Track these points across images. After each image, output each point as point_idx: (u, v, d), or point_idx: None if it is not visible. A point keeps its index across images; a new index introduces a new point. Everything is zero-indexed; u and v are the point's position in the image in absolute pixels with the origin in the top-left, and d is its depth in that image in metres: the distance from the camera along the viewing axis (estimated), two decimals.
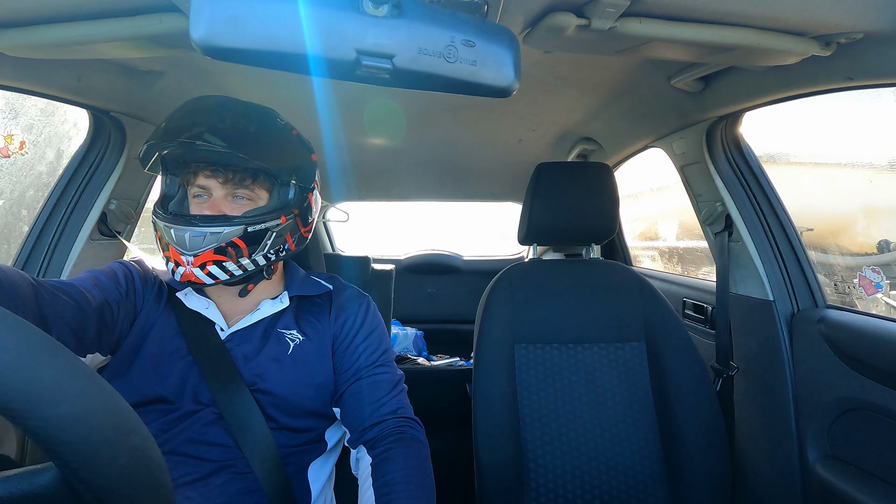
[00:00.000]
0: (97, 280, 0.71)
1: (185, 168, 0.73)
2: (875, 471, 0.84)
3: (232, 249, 0.68)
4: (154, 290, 0.77)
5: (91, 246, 1.10)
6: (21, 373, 0.29)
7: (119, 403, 0.33)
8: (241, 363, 0.72)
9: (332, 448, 0.81)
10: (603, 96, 1.21)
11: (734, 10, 0.62)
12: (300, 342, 0.76)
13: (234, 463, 0.68)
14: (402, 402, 0.79)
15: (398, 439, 0.73)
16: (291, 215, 0.75)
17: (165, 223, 0.68)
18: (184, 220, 0.67)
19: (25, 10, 0.66)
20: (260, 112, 0.73)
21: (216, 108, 0.69)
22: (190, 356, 0.71)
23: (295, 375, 0.74)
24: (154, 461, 0.34)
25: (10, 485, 0.31)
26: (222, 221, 0.68)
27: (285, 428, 0.72)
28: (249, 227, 0.69)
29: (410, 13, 0.46)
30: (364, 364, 0.78)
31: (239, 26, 0.42)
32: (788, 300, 1.06)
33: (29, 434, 0.29)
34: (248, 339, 0.75)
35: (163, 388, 0.69)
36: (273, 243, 0.73)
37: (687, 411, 1.00)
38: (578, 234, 1.18)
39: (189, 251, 0.67)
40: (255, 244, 0.70)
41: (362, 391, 0.76)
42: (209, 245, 0.67)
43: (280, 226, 0.73)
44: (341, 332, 0.80)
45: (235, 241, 0.68)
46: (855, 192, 1.24)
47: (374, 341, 0.81)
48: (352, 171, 1.95)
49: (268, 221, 0.71)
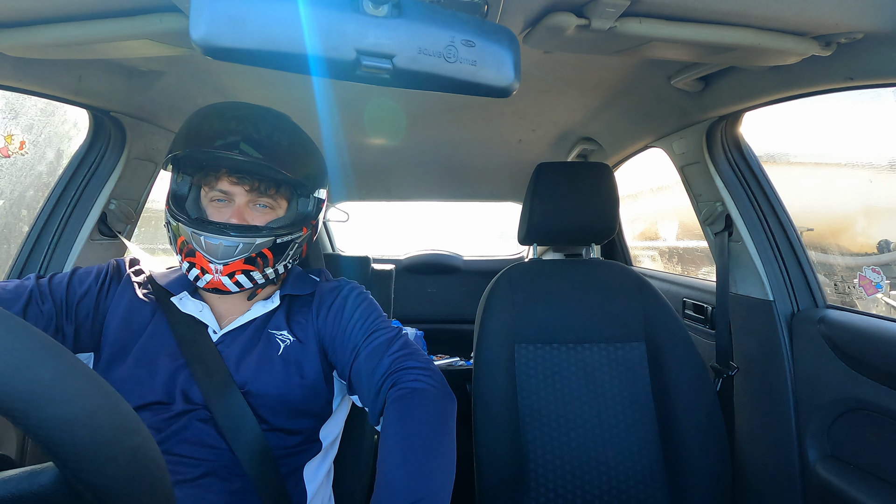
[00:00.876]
0: (46, 286, 0.70)
1: (204, 171, 0.72)
2: (875, 471, 0.84)
3: (260, 259, 0.70)
4: (130, 288, 0.76)
5: (91, 246, 1.10)
6: (22, 373, 0.29)
7: (120, 404, 0.33)
8: (232, 365, 0.72)
9: (327, 447, 0.81)
10: (603, 96, 1.21)
11: (734, 10, 0.62)
12: (291, 343, 0.76)
13: (227, 465, 0.68)
14: (399, 352, 0.72)
15: (394, 398, 0.66)
16: (311, 226, 0.77)
17: (193, 229, 0.67)
18: (215, 228, 0.67)
19: (25, 10, 0.66)
20: (287, 122, 0.73)
21: (249, 118, 0.68)
22: (182, 359, 0.71)
23: (286, 376, 0.73)
24: (154, 461, 0.34)
25: (11, 485, 0.31)
26: (254, 232, 0.69)
27: (278, 429, 0.72)
28: (278, 239, 0.70)
29: (410, 13, 0.46)
30: (358, 339, 0.75)
31: (239, 26, 0.42)
32: (788, 300, 1.06)
33: (30, 434, 0.29)
34: (239, 340, 0.75)
35: (153, 391, 0.69)
36: (294, 253, 0.75)
37: (687, 411, 1.00)
38: (578, 234, 1.18)
39: (220, 260, 0.67)
40: (280, 254, 0.72)
41: (361, 366, 0.72)
42: (241, 255, 0.68)
43: (302, 237, 0.75)
44: (326, 322, 0.78)
45: (265, 251, 0.70)
46: (855, 192, 1.24)
47: (363, 313, 0.78)
48: (352, 171, 1.95)
49: (294, 233, 0.73)
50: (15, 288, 0.67)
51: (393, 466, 0.56)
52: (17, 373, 0.29)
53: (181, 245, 0.69)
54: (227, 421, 0.68)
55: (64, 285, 0.72)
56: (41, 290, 0.69)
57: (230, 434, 0.68)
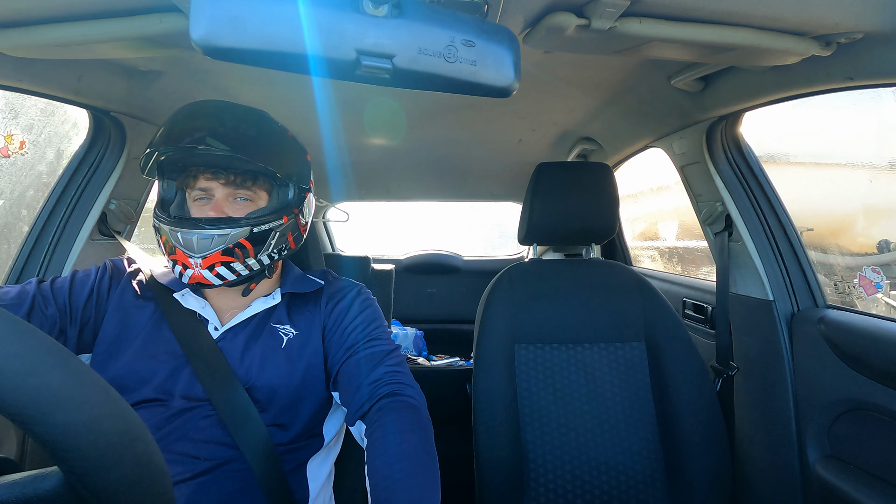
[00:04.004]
0: (49, 289, 0.72)
1: (184, 172, 0.74)
2: (875, 471, 0.84)
3: (239, 250, 0.70)
4: (130, 287, 0.78)
5: (91, 246, 1.10)
6: (32, 380, 0.29)
7: (125, 410, 0.34)
8: (234, 360, 0.72)
9: (330, 443, 0.81)
10: (603, 96, 1.21)
11: (734, 10, 0.62)
12: (293, 336, 0.77)
13: (230, 460, 0.68)
14: (396, 367, 0.74)
15: (391, 405, 0.67)
16: (292, 215, 0.77)
17: (171, 227, 0.68)
18: (190, 224, 0.68)
19: (25, 10, 0.66)
20: (257, 115, 0.75)
21: (215, 113, 0.70)
22: (182, 357, 0.71)
23: (288, 369, 0.74)
24: (158, 467, 0.34)
25: (16, 489, 0.32)
26: (228, 223, 0.69)
27: (280, 424, 0.72)
28: (255, 228, 0.70)
29: (410, 13, 0.46)
30: (357, 339, 0.76)
31: (239, 26, 0.42)
32: (788, 300, 1.06)
33: (36, 439, 0.29)
34: (241, 336, 0.75)
35: (153, 389, 0.69)
36: (276, 243, 0.75)
37: (687, 411, 1.00)
38: (578, 234, 1.18)
39: (197, 253, 0.68)
40: (259, 244, 0.72)
41: (354, 366, 0.74)
42: (217, 247, 0.68)
43: (283, 226, 0.75)
44: (331, 316, 0.80)
45: (242, 241, 0.70)
46: (855, 192, 1.24)
47: (367, 318, 0.80)
48: (352, 171, 1.95)
49: (271, 222, 0.73)
50: (18, 294, 0.68)
51: (390, 465, 0.57)
52: (27, 379, 0.29)
53: (165, 244, 0.71)
54: (230, 416, 0.68)
55: (66, 289, 0.73)
56: (43, 294, 0.70)
57: (234, 430, 0.68)
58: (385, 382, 0.71)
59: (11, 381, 0.29)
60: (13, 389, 0.28)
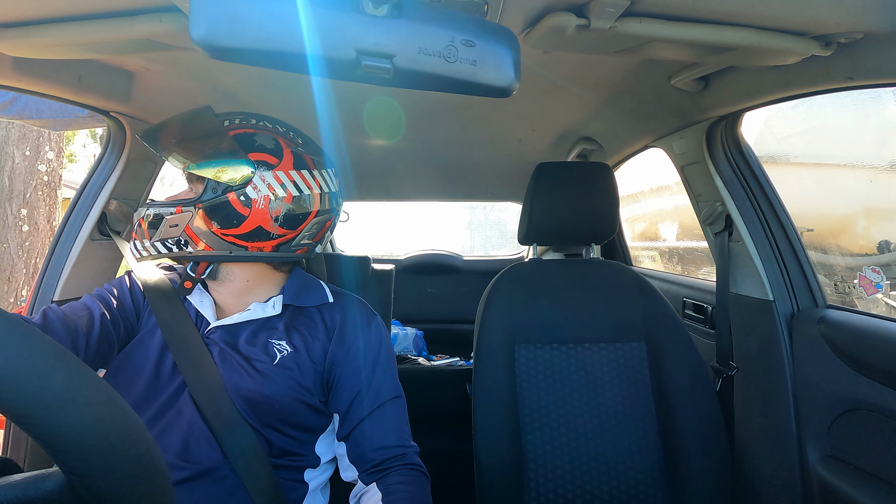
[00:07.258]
0: (96, 304, 0.74)
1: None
2: (875, 471, 0.84)
3: (139, 229, 0.75)
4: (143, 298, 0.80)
5: (91, 246, 1.09)
6: (34, 381, 0.30)
7: (127, 412, 0.34)
8: (224, 364, 0.72)
9: (325, 463, 0.79)
10: (603, 96, 1.21)
11: (734, 10, 0.62)
12: (288, 353, 0.75)
13: (218, 465, 0.67)
14: (404, 432, 0.78)
15: (410, 479, 0.72)
16: (191, 209, 0.72)
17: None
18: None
19: (25, 10, 0.66)
20: (199, 110, 0.73)
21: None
22: (171, 359, 0.72)
23: (279, 386, 0.72)
24: (158, 469, 0.35)
25: (17, 490, 0.32)
26: (146, 204, 0.75)
27: (267, 437, 0.71)
28: (148, 210, 0.74)
29: (410, 13, 0.46)
30: (372, 397, 0.76)
31: (239, 26, 0.42)
32: (788, 300, 1.06)
33: (38, 440, 0.30)
34: (232, 338, 0.75)
35: (141, 391, 0.70)
36: (168, 233, 0.73)
37: (687, 411, 1.00)
38: (578, 234, 1.18)
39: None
40: (153, 229, 0.74)
41: (367, 429, 0.75)
42: (136, 224, 0.76)
43: (174, 215, 0.73)
44: (346, 357, 0.78)
45: (140, 221, 0.75)
46: (855, 192, 1.24)
47: (381, 371, 0.79)
48: (352, 171, 1.95)
49: (162, 208, 0.74)
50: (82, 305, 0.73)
51: None
52: (30, 381, 0.29)
53: None
54: (217, 421, 0.68)
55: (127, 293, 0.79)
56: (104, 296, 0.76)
57: (221, 434, 0.67)
58: (396, 446, 0.75)
59: (15, 383, 0.29)
60: (18, 391, 0.29)
